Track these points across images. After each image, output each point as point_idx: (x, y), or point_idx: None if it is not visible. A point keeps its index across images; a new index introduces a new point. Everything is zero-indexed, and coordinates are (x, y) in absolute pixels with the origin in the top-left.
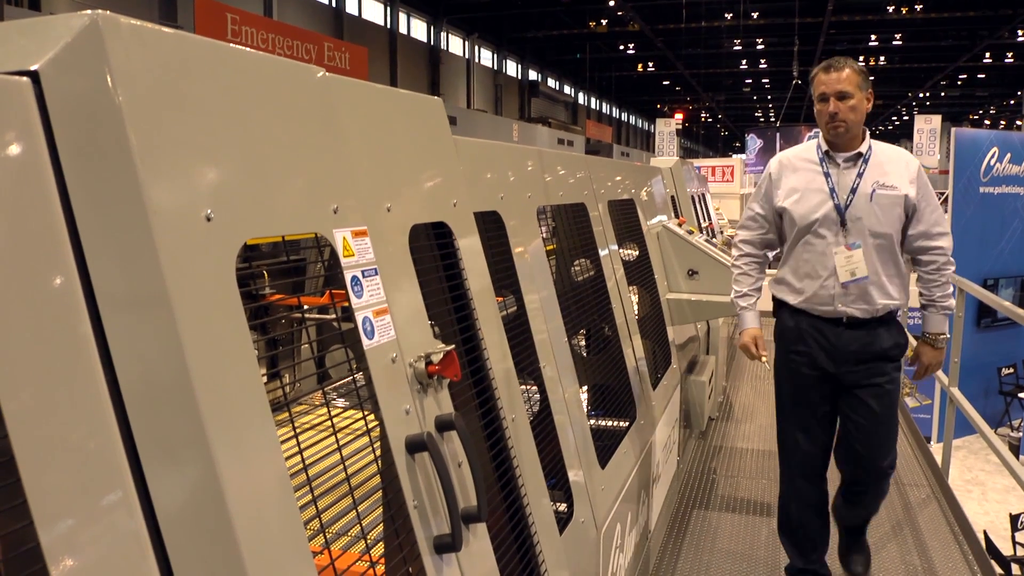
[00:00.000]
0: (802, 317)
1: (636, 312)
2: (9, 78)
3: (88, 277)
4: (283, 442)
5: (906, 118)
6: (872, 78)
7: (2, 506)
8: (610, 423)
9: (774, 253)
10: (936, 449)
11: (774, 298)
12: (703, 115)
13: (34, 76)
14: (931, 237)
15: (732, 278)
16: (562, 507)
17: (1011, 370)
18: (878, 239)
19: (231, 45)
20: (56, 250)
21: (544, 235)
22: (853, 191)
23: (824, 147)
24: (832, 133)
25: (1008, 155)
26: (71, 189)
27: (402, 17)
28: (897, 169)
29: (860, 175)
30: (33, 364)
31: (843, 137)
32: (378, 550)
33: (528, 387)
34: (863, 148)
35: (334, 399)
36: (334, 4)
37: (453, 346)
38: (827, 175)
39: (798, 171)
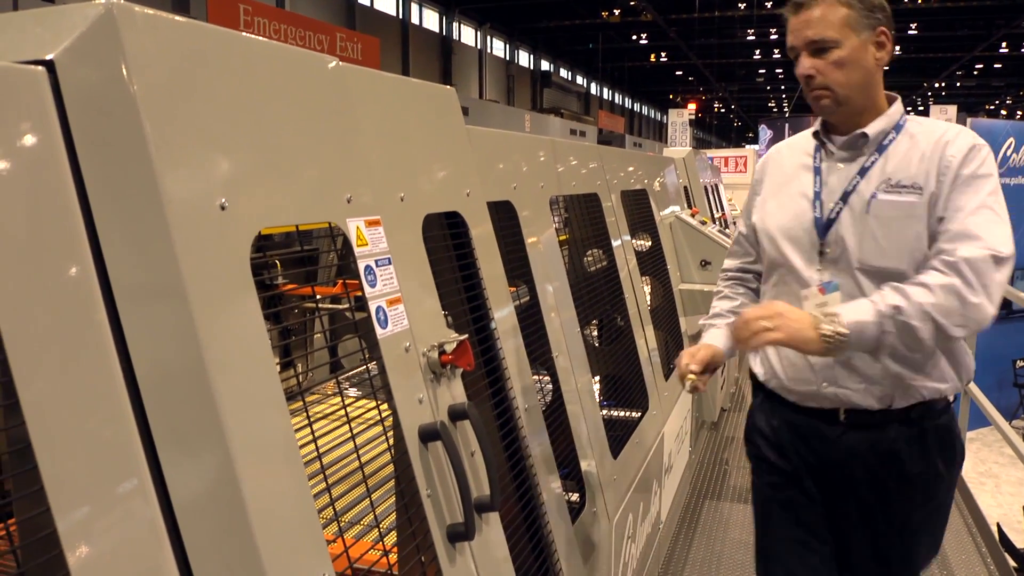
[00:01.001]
0: (776, 409)
1: (649, 302)
2: (25, 67)
3: (104, 266)
4: (297, 431)
5: (921, 108)
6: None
7: (20, 493)
8: (622, 413)
9: None
10: None
11: (751, 376)
12: (716, 105)
13: (49, 65)
14: (951, 239)
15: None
16: (574, 497)
17: None
18: (874, 279)
19: (245, 35)
20: (72, 239)
21: (557, 225)
22: (844, 197)
23: (818, 128)
24: (815, 107)
25: None
26: (87, 178)
27: (414, 7)
28: (925, 154)
29: (864, 171)
30: (50, 353)
31: (835, 113)
32: (391, 538)
33: (541, 377)
34: (873, 128)
35: (347, 388)
36: None
37: (466, 336)
38: (817, 171)
39: (784, 167)
